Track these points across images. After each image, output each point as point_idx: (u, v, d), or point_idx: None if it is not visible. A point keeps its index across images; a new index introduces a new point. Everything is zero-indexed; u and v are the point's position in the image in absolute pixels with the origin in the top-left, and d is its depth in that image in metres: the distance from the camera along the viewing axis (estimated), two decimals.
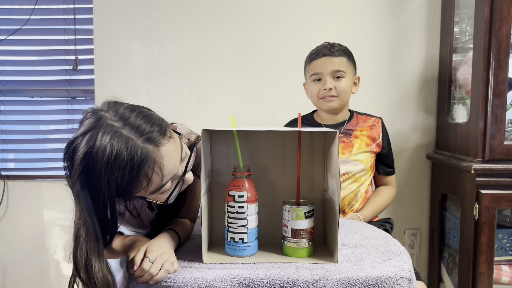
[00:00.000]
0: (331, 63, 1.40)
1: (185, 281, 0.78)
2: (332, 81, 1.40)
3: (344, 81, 1.41)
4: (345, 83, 1.41)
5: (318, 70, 1.42)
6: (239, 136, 0.93)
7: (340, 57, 1.41)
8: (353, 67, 1.46)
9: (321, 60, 1.42)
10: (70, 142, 0.78)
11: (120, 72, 1.86)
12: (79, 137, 0.77)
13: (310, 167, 0.98)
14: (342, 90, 1.40)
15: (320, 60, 1.42)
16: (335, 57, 1.41)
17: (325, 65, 1.41)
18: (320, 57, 1.42)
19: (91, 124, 0.78)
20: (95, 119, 0.78)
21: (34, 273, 1.97)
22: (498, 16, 1.40)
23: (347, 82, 1.41)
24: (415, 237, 1.90)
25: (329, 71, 1.40)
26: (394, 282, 0.79)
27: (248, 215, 0.88)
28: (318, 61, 1.42)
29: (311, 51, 1.48)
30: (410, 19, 1.83)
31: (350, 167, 1.43)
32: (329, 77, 1.40)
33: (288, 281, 0.78)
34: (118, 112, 0.80)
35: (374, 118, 1.52)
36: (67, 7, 1.90)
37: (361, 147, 1.45)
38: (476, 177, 1.44)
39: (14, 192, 1.93)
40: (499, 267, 1.54)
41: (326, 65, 1.41)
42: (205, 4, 1.83)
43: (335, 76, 1.41)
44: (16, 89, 1.98)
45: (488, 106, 1.43)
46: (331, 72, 1.40)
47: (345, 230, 1.07)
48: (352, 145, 1.44)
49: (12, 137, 2.00)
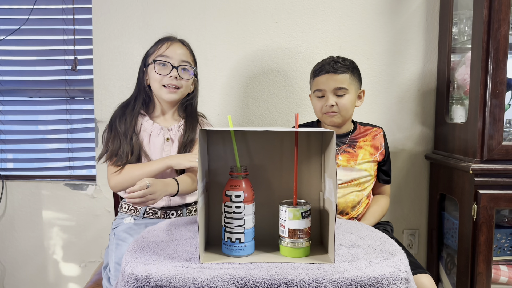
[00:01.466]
0: (333, 80, 1.40)
1: (181, 281, 0.78)
2: (334, 98, 1.41)
3: (347, 98, 1.41)
4: (347, 100, 1.41)
5: (321, 87, 1.43)
6: (236, 136, 0.93)
7: (343, 74, 1.41)
8: (358, 81, 1.46)
9: (324, 77, 1.42)
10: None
11: (119, 72, 1.86)
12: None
13: (307, 167, 0.98)
14: (343, 107, 1.41)
15: (323, 76, 1.42)
16: (338, 74, 1.40)
17: (328, 82, 1.41)
18: (323, 74, 1.42)
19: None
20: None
21: (32, 273, 1.97)
22: (496, 16, 1.40)
23: (349, 98, 1.42)
24: (413, 237, 1.90)
25: (331, 88, 1.41)
26: (390, 282, 0.79)
27: (245, 215, 0.88)
28: (322, 78, 1.43)
29: (315, 66, 1.48)
30: (408, 20, 1.83)
31: (356, 174, 1.45)
32: (331, 94, 1.41)
33: (284, 281, 0.78)
34: None
35: (375, 128, 1.53)
36: (66, 7, 1.91)
37: (365, 156, 1.46)
38: (475, 177, 1.45)
39: (13, 192, 1.94)
40: (497, 267, 1.54)
41: (329, 82, 1.41)
42: (204, 4, 1.83)
43: (337, 94, 1.41)
44: (15, 89, 1.98)
45: (486, 106, 1.43)
46: (333, 89, 1.41)
47: (342, 230, 1.07)
48: (356, 155, 1.46)
49: (11, 137, 2.00)
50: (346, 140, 1.48)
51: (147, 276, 0.79)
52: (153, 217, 1.38)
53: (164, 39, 1.40)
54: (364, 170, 1.46)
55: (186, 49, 1.41)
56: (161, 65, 1.36)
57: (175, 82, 1.36)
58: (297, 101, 1.87)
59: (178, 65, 1.37)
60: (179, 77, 1.37)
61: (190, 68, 1.40)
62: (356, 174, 1.45)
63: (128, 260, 0.85)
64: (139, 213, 1.38)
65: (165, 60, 1.36)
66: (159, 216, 1.38)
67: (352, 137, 1.49)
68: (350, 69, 1.43)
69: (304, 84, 1.85)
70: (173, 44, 1.38)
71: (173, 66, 1.35)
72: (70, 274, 1.97)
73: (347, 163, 1.45)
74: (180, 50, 1.38)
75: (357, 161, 1.46)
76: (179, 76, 1.37)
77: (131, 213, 1.39)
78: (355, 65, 1.46)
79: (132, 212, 1.39)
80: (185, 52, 1.40)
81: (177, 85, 1.37)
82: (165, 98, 1.38)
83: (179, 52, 1.37)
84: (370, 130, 1.52)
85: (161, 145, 1.39)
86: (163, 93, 1.38)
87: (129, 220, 1.36)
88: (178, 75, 1.36)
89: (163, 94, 1.38)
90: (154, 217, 1.38)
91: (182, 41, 1.43)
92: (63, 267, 1.96)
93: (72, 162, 2.00)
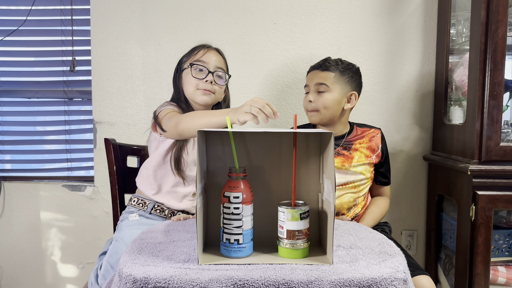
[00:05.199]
0: (317, 76, 1.43)
1: (179, 283, 0.78)
2: (315, 94, 1.42)
3: (326, 96, 1.41)
4: (326, 98, 1.40)
5: (307, 82, 1.46)
6: (234, 137, 0.93)
7: (327, 72, 1.41)
8: (347, 83, 1.43)
9: (312, 73, 1.46)
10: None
11: (117, 73, 1.86)
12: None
13: (305, 169, 0.98)
14: (321, 105, 1.41)
15: (311, 73, 1.46)
16: (322, 71, 1.42)
17: (312, 78, 1.44)
18: (313, 70, 1.46)
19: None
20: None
21: (30, 274, 1.96)
22: (494, 18, 1.40)
23: (329, 97, 1.40)
24: (412, 238, 1.90)
25: (313, 83, 1.43)
26: (389, 283, 0.79)
27: (244, 216, 0.88)
28: (310, 74, 1.47)
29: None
30: (407, 21, 1.83)
31: (350, 177, 1.45)
32: (313, 90, 1.43)
33: (283, 282, 0.78)
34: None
35: (373, 129, 1.52)
36: (64, 8, 1.90)
37: (361, 159, 1.46)
38: (473, 178, 1.45)
39: (11, 193, 1.93)
40: (495, 268, 1.54)
41: (313, 78, 1.44)
42: (202, 5, 1.83)
43: (318, 90, 1.42)
44: (13, 90, 1.97)
45: (484, 107, 1.43)
46: (315, 84, 1.43)
47: (340, 231, 1.07)
48: (351, 157, 1.45)
49: (9, 138, 2.00)
50: (341, 142, 1.47)
51: (145, 277, 0.79)
52: (160, 215, 1.39)
53: (200, 46, 1.45)
54: (359, 173, 1.45)
55: (221, 57, 1.46)
56: (198, 69, 1.40)
57: (210, 86, 1.40)
58: (295, 102, 1.87)
59: (214, 70, 1.41)
60: (214, 82, 1.41)
61: (223, 75, 1.44)
62: (351, 177, 1.45)
63: (126, 261, 0.85)
64: (147, 208, 1.38)
65: (202, 65, 1.40)
66: (166, 215, 1.39)
67: (347, 139, 1.48)
68: (339, 68, 1.42)
69: (303, 86, 1.85)
70: (209, 51, 1.43)
71: (209, 71, 1.39)
72: (68, 275, 1.96)
73: (341, 165, 1.44)
74: (215, 57, 1.43)
75: (352, 163, 1.45)
76: (214, 81, 1.40)
77: (140, 207, 1.39)
78: (349, 67, 1.45)
79: (140, 206, 1.39)
80: (220, 60, 1.44)
81: (211, 90, 1.40)
82: (199, 100, 1.40)
83: (214, 58, 1.42)
84: (368, 131, 1.51)
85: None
86: (197, 95, 1.40)
87: (134, 217, 1.37)
88: (213, 80, 1.40)
89: (197, 97, 1.40)
90: (161, 214, 1.39)
91: (217, 49, 1.47)
92: (61, 268, 1.96)
93: (70, 163, 1.99)
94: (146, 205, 1.39)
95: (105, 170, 1.62)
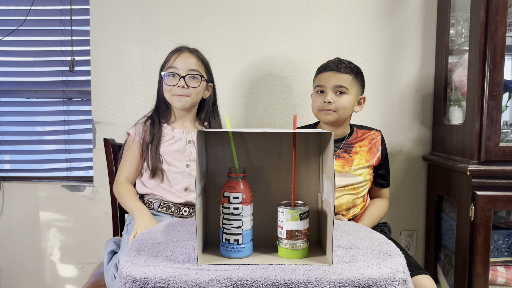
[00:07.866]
0: (335, 78, 1.42)
1: (179, 283, 0.78)
2: (334, 95, 1.42)
3: (345, 98, 1.42)
4: (345, 100, 1.42)
5: (322, 83, 1.44)
6: (234, 137, 0.93)
7: (345, 74, 1.42)
8: (359, 86, 1.46)
9: (327, 74, 1.44)
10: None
11: (116, 73, 1.86)
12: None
13: (305, 169, 0.98)
14: (341, 106, 1.42)
15: (327, 73, 1.44)
16: (341, 74, 1.42)
17: (330, 79, 1.43)
18: (327, 71, 1.45)
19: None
20: None
21: (30, 274, 1.96)
22: (493, 18, 1.40)
23: (348, 99, 1.42)
24: (411, 239, 1.90)
25: (332, 85, 1.42)
26: (388, 284, 0.79)
27: (243, 216, 0.88)
28: (325, 75, 1.45)
29: (321, 65, 1.50)
30: (406, 21, 1.83)
31: (350, 180, 1.45)
32: (331, 91, 1.42)
33: (282, 282, 0.78)
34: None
35: (373, 131, 1.53)
36: (63, 8, 1.90)
37: (361, 162, 1.46)
38: (472, 178, 1.45)
39: (10, 193, 1.93)
40: (494, 268, 1.54)
41: (331, 79, 1.43)
42: (202, 5, 1.83)
43: (338, 91, 1.42)
44: (12, 90, 1.97)
45: (483, 108, 1.43)
46: (334, 86, 1.42)
47: (340, 232, 1.07)
48: (352, 160, 1.45)
49: (8, 138, 1.99)
50: (341, 145, 1.48)
51: (144, 277, 0.79)
52: (166, 212, 1.41)
53: (174, 51, 1.48)
54: (359, 176, 1.45)
55: (195, 58, 1.47)
56: (170, 76, 1.44)
57: (183, 91, 1.43)
58: (295, 102, 1.87)
59: (185, 74, 1.43)
60: (186, 86, 1.43)
61: (198, 76, 1.45)
62: (350, 180, 1.45)
63: (125, 262, 0.85)
64: (154, 207, 1.41)
65: (173, 71, 1.44)
66: (172, 212, 1.41)
67: (347, 142, 1.48)
68: (353, 72, 1.44)
69: (302, 86, 1.85)
70: (181, 55, 1.45)
71: (180, 76, 1.42)
72: (67, 276, 1.96)
73: (342, 168, 1.44)
74: (188, 59, 1.45)
75: (352, 167, 1.45)
76: (186, 85, 1.43)
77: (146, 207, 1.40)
78: (359, 70, 1.47)
79: (146, 206, 1.40)
80: (193, 61, 1.46)
81: (185, 93, 1.43)
82: (176, 106, 1.46)
83: (187, 61, 1.44)
84: (368, 133, 1.51)
85: (183, 147, 1.45)
86: (174, 101, 1.46)
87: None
88: (185, 85, 1.42)
89: (174, 103, 1.46)
90: (168, 212, 1.41)
91: (191, 50, 1.49)
92: (60, 268, 1.96)
93: (70, 163, 1.99)
94: (152, 204, 1.43)
95: (105, 170, 1.62)
